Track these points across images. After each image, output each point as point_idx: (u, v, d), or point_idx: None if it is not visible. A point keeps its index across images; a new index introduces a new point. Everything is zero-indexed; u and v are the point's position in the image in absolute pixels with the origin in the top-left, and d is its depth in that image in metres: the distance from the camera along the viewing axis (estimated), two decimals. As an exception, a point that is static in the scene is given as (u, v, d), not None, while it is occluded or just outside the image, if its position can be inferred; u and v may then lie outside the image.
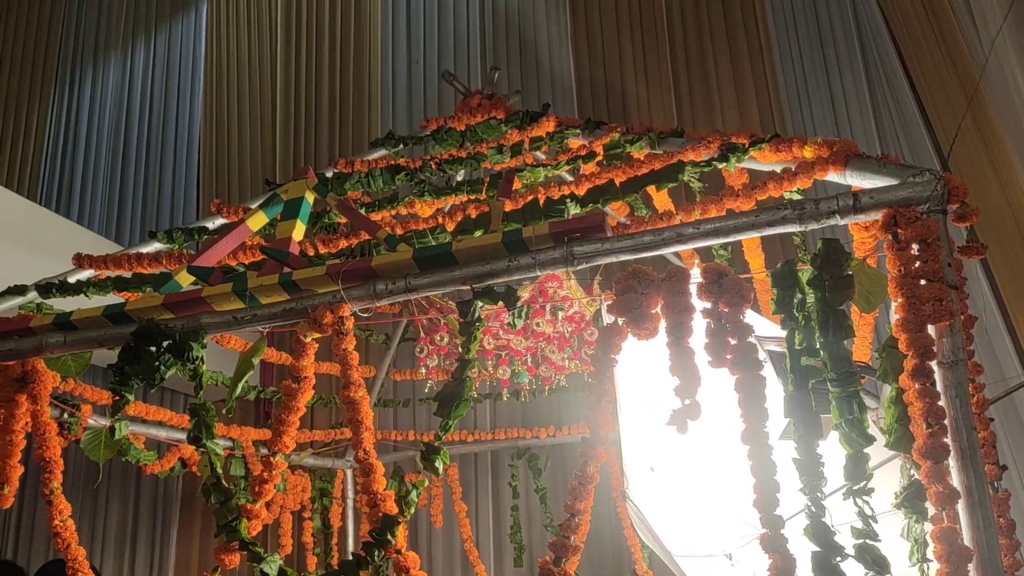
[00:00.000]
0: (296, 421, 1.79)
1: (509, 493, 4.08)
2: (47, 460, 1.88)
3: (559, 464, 3.94)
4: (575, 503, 1.51)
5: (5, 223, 3.22)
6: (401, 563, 1.61)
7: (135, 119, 5.30)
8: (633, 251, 1.58)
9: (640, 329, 1.51)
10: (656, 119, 4.32)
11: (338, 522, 3.74)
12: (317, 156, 4.85)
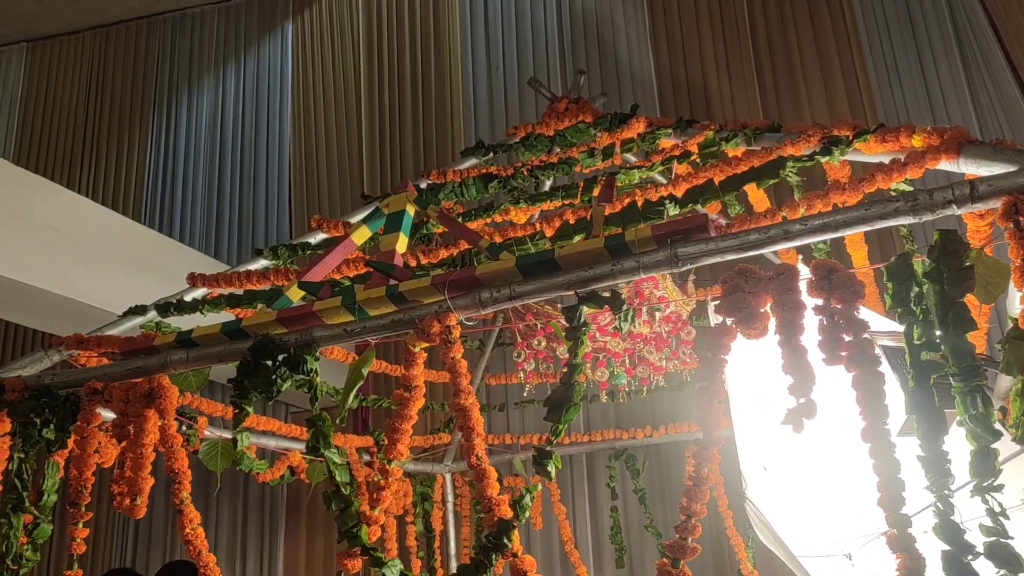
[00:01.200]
0: (409, 429, 1.84)
1: (605, 495, 4.08)
2: (176, 471, 1.97)
3: (656, 464, 3.93)
4: (691, 504, 1.51)
5: (119, 247, 3.38)
6: (518, 566, 1.63)
7: (228, 140, 5.50)
8: (738, 250, 1.57)
9: (749, 328, 1.50)
10: (740, 113, 4.27)
11: (439, 526, 3.80)
12: (403, 168, 4.95)
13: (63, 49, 5.98)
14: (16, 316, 3.44)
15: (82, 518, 2.01)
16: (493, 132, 4.86)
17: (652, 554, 3.96)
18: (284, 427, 3.00)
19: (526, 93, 4.88)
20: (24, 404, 2.07)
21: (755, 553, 3.43)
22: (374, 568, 1.75)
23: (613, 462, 3.71)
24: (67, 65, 5.94)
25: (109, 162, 5.63)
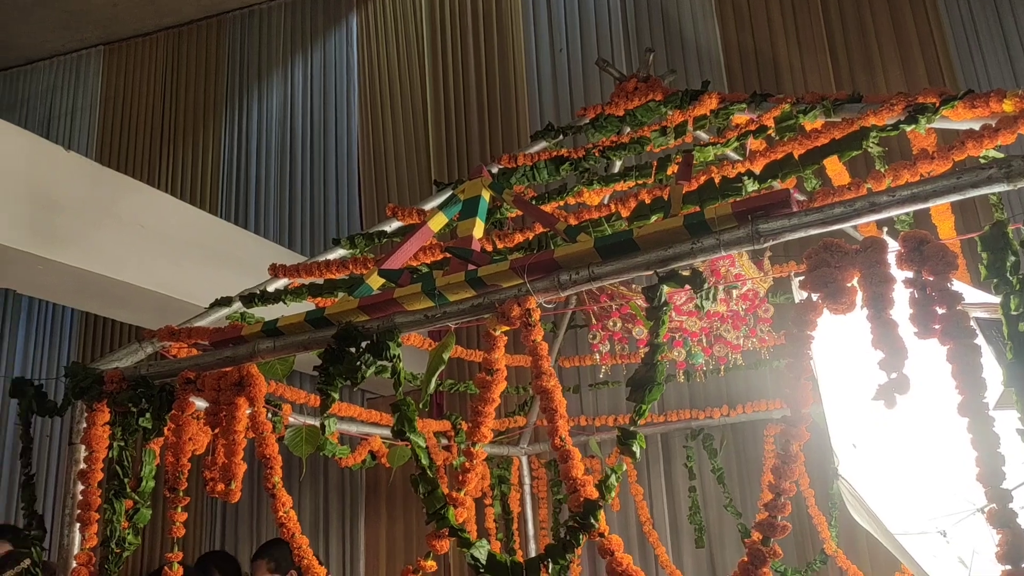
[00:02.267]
0: (492, 412, 1.86)
1: (682, 475, 4.07)
2: (267, 457, 2.03)
3: (732, 444, 3.90)
4: (780, 482, 1.49)
5: (200, 241, 3.48)
6: (605, 546, 1.64)
7: (298, 132, 5.60)
8: (822, 225, 1.54)
9: (836, 304, 1.48)
10: (812, 85, 4.17)
11: (517, 508, 3.83)
12: (469, 154, 4.98)
13: (139, 50, 6.16)
14: (109, 311, 3.58)
15: (180, 503, 2.10)
16: (558, 115, 4.85)
17: (731, 534, 3.94)
18: (364, 413, 3.07)
19: (590, 74, 4.85)
20: (122, 394, 2.16)
21: (839, 532, 3.39)
22: (462, 548, 1.78)
23: (690, 442, 3.69)
24: (143, 66, 6.12)
25: (186, 158, 5.79)
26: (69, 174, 3.01)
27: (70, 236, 2.93)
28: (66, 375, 2.24)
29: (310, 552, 1.97)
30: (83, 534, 2.13)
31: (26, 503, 2.19)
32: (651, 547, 3.82)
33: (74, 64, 6.35)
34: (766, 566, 1.47)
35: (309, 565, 1.94)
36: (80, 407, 2.23)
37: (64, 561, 2.14)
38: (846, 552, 3.40)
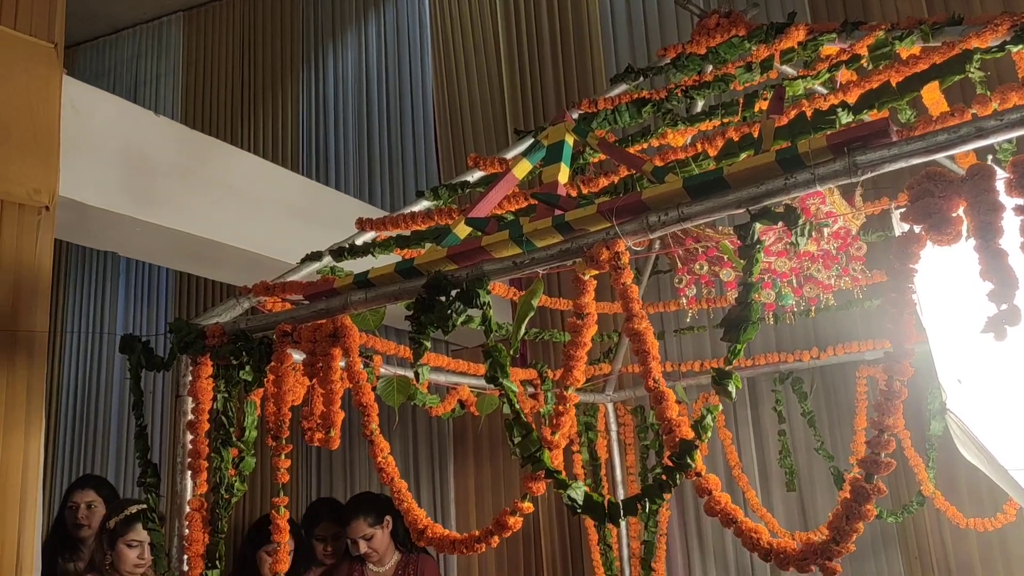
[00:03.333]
0: (584, 356, 1.87)
1: (769, 419, 4.03)
2: (364, 405, 2.09)
3: (821, 387, 3.83)
4: (883, 419, 1.46)
5: (285, 199, 3.56)
6: (702, 485, 1.65)
7: (374, 87, 5.64)
8: (925, 153, 1.48)
9: (941, 235, 1.43)
10: (902, 10, 3.99)
11: (604, 454, 3.86)
12: (545, 101, 4.93)
13: (216, 14, 6.28)
14: (202, 270, 3.71)
15: (284, 450, 2.18)
16: (634, 57, 4.76)
17: (822, 477, 3.89)
18: (453, 363, 3.11)
19: (666, 13, 4.74)
20: (224, 348, 2.24)
21: (937, 473, 3.32)
22: (558, 489, 1.81)
23: (778, 386, 3.64)
24: (221, 29, 6.24)
25: (265, 118, 5.91)
26: (160, 138, 3.10)
27: (164, 198, 3.03)
28: (170, 331, 2.33)
29: (409, 496, 2.02)
30: (194, 481, 2.24)
31: (140, 453, 2.31)
32: (741, 491, 3.81)
33: (156, 31, 6.51)
34: (869, 503, 1.46)
35: (409, 508, 1.99)
36: (185, 361, 2.32)
37: (178, 507, 2.25)
38: (944, 494, 3.33)
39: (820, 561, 1.49)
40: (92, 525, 3.71)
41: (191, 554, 2.20)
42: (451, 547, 1.93)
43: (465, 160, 4.97)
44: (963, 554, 3.67)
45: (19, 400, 2.45)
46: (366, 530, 3.68)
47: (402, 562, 3.79)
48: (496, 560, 4.57)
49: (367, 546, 3.68)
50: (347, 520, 3.74)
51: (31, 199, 2.57)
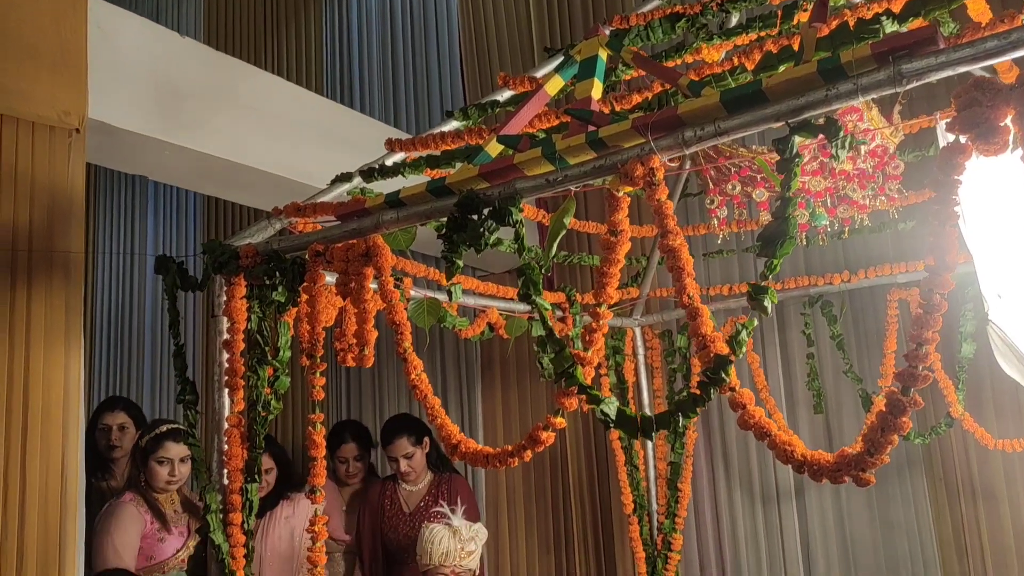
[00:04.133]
0: (618, 273, 1.87)
1: (797, 343, 4.03)
2: (397, 323, 2.11)
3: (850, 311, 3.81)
4: (922, 332, 1.46)
5: (310, 121, 3.54)
6: (736, 399, 1.66)
7: (398, 7, 5.54)
8: (973, 61, 1.44)
9: (988, 145, 1.40)
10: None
11: (631, 377, 3.89)
12: (572, 20, 4.82)
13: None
14: (230, 194, 3.72)
15: (318, 368, 2.21)
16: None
17: (848, 400, 3.91)
18: (482, 285, 3.12)
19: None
20: (257, 268, 2.26)
21: (965, 396, 3.32)
22: (591, 405, 1.83)
23: (807, 309, 3.63)
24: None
25: (289, 40, 5.84)
26: (187, 60, 3.07)
27: (193, 121, 3.02)
28: (204, 252, 2.35)
29: (442, 412, 2.05)
30: (231, 399, 2.29)
31: (178, 371, 2.36)
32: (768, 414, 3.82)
33: (177, -49, 6.43)
34: (905, 415, 1.46)
35: (443, 424, 2.03)
36: (219, 282, 2.35)
37: (216, 423, 2.31)
38: (972, 416, 3.34)
39: (854, 472, 1.50)
40: (124, 446, 3.82)
41: (231, 468, 2.26)
42: (484, 461, 1.97)
43: (491, 82, 4.91)
44: (988, 477, 3.69)
45: (58, 320, 2.50)
46: (408, 448, 3.76)
47: (435, 482, 3.88)
48: (523, 483, 4.66)
49: (407, 464, 3.77)
50: (389, 439, 3.82)
51: (61, 121, 2.57)
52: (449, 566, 3.31)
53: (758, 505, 4.15)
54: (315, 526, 2.19)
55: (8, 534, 2.34)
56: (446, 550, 3.30)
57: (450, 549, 3.30)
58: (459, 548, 3.33)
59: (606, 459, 4.39)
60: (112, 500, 3.27)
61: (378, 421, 5.01)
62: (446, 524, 3.36)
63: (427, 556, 3.31)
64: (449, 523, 3.36)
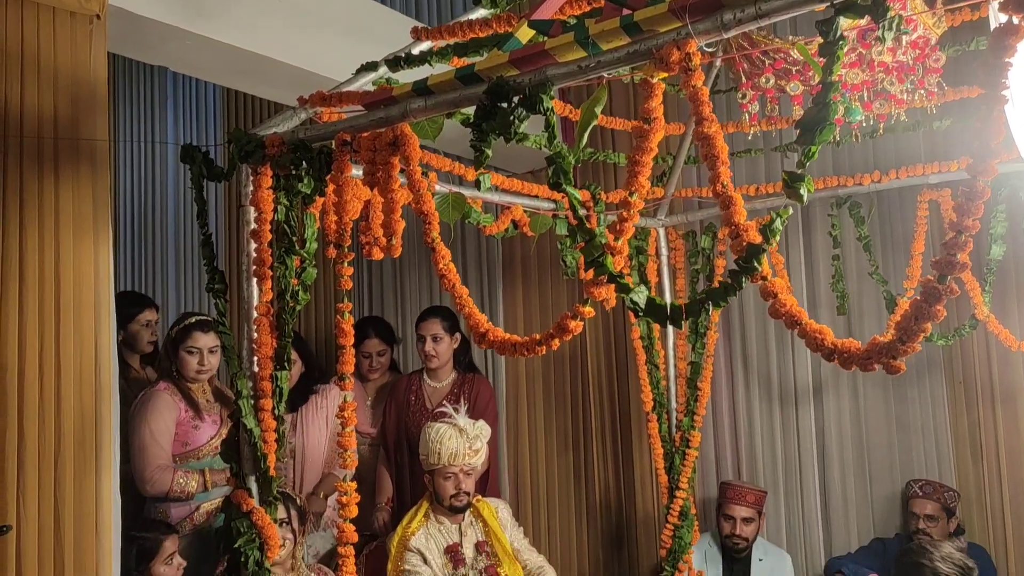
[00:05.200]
0: (650, 162, 1.84)
1: (821, 245, 4.02)
2: (425, 213, 2.10)
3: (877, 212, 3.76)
4: (963, 220, 1.43)
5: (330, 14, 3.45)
6: (768, 288, 1.65)
7: None
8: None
9: (1043, 26, 1.34)
10: None
11: (654, 278, 3.89)
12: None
13: None
14: (251, 87, 3.67)
15: (346, 258, 2.22)
16: None
17: (871, 303, 3.91)
18: (507, 181, 3.10)
19: None
20: (283, 158, 2.25)
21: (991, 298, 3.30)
22: (620, 294, 1.83)
23: (834, 210, 3.58)
24: None
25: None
26: (206, -55, 2.99)
27: (215, 11, 2.96)
28: (230, 141, 2.34)
29: (470, 301, 2.07)
30: (260, 288, 2.31)
31: (207, 260, 2.37)
32: (789, 315, 3.82)
33: None
34: (940, 303, 1.45)
35: (471, 312, 2.04)
36: (245, 172, 2.34)
37: (245, 312, 2.33)
38: (998, 318, 3.33)
39: (885, 360, 1.50)
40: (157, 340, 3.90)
41: (260, 356, 2.30)
42: (512, 350, 1.99)
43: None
44: (1008, 381, 3.71)
45: (85, 209, 2.51)
46: (438, 330, 3.85)
47: (458, 380, 3.94)
48: (543, 382, 4.73)
49: (433, 347, 3.84)
50: (424, 317, 3.92)
51: (82, 7, 2.52)
52: (458, 466, 3.37)
53: (775, 405, 4.21)
54: (344, 412, 2.24)
55: (46, 419, 2.40)
56: (454, 450, 3.34)
57: (458, 449, 3.34)
58: (467, 447, 3.37)
59: (626, 358, 4.43)
60: (147, 389, 3.35)
61: (400, 320, 5.07)
62: (450, 423, 3.41)
63: (435, 456, 3.33)
64: (454, 422, 3.41)
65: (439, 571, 3.31)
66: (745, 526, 3.83)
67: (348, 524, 2.25)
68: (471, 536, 3.45)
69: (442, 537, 3.39)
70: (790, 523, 4.16)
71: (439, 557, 3.34)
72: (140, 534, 2.91)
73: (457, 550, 3.37)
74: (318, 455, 3.79)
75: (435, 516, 3.41)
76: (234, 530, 2.26)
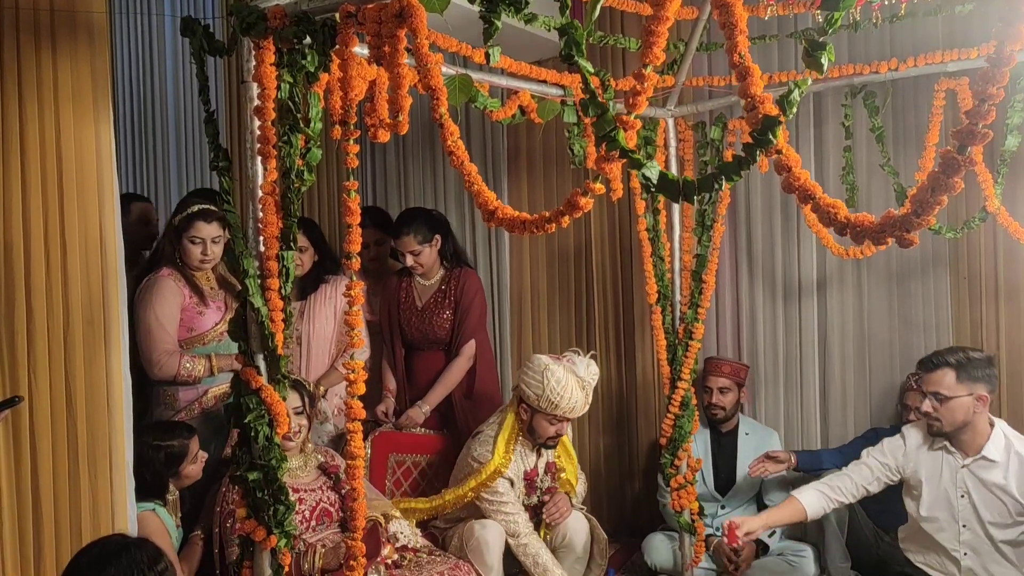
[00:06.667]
0: (666, 32, 1.78)
1: (832, 137, 3.96)
2: (433, 88, 2.04)
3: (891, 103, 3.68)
4: (986, 87, 1.39)
5: None
6: (782, 162, 1.63)
7: None
8: None
9: None
10: None
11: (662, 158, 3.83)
12: None
13: None
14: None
15: (352, 135, 2.18)
16: None
17: (880, 198, 3.87)
18: (514, 64, 3.02)
19: None
20: (286, 30, 2.18)
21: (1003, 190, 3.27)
22: (632, 169, 1.80)
23: (848, 100, 3.51)
24: None
25: None
26: None
27: None
28: (231, 13, 2.26)
29: (479, 178, 2.03)
30: (264, 167, 2.27)
31: (211, 137, 2.33)
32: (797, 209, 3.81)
33: None
34: (958, 174, 1.43)
35: (480, 190, 2.01)
36: (247, 46, 2.28)
37: (251, 191, 2.30)
38: (1009, 210, 3.30)
39: (898, 233, 1.49)
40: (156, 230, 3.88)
41: (266, 235, 2.28)
42: (520, 227, 1.97)
43: None
44: (1013, 278, 3.71)
45: (85, 85, 2.45)
46: (415, 246, 3.79)
47: (446, 276, 3.93)
48: (547, 275, 4.74)
49: (414, 260, 3.82)
50: (397, 234, 3.84)
51: None
52: (571, 418, 3.36)
53: (779, 300, 4.22)
54: (352, 290, 2.24)
55: (54, 297, 2.41)
56: (575, 404, 3.31)
57: (578, 403, 3.32)
58: (585, 400, 3.35)
59: (631, 253, 4.43)
60: (150, 275, 3.34)
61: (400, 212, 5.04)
62: (571, 370, 3.32)
63: (550, 405, 3.27)
64: (575, 370, 3.33)
65: (520, 494, 3.42)
66: (722, 396, 3.98)
67: (356, 401, 2.28)
68: (544, 459, 3.54)
69: (522, 463, 3.46)
70: (788, 415, 4.22)
71: (520, 483, 3.44)
72: (167, 442, 2.95)
73: (534, 478, 3.48)
74: (324, 344, 3.81)
75: (519, 441, 3.45)
76: (243, 406, 2.29)
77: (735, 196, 4.15)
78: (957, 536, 2.94)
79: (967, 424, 2.89)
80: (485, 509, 3.37)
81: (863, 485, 3.11)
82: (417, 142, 4.99)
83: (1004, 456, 2.87)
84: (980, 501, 2.90)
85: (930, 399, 2.90)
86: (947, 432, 2.93)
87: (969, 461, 2.93)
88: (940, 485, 2.98)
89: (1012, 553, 2.86)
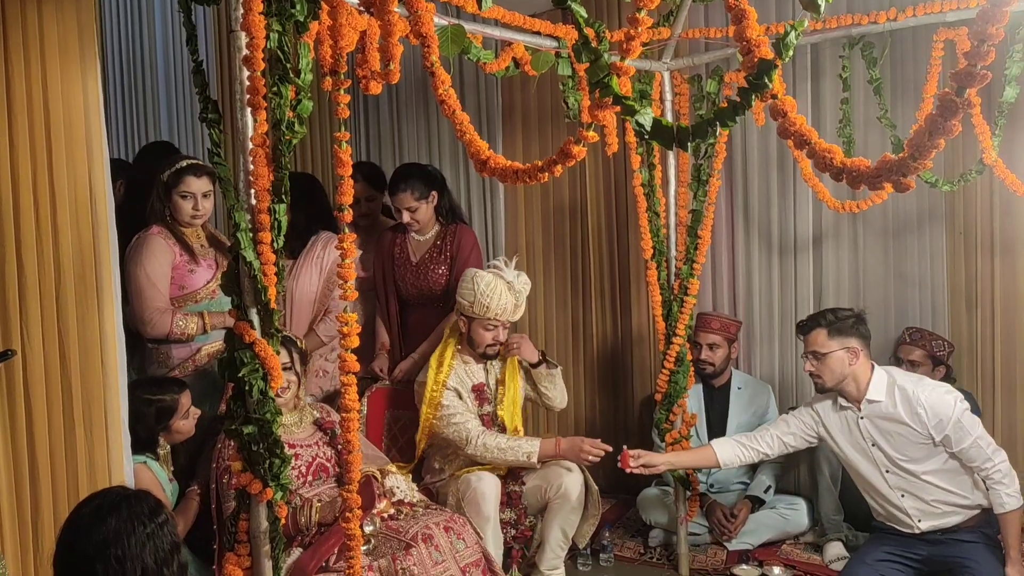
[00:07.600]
0: (660, -26, 1.75)
1: (829, 89, 3.94)
2: (424, 36, 2.00)
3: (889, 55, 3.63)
4: (986, 27, 1.37)
5: None
6: (778, 107, 1.61)
7: None
8: None
9: None
10: None
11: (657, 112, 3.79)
12: None
13: None
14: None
15: (343, 85, 2.14)
16: None
17: (876, 150, 3.84)
18: (508, 14, 2.97)
19: None
20: (275, -24, 2.13)
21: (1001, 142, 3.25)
22: (626, 116, 1.78)
23: (847, 51, 3.46)
24: None
25: None
26: None
27: None
28: (217, -40, 2.22)
29: (471, 128, 2.01)
30: (255, 118, 2.23)
31: (199, 88, 2.29)
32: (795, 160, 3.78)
33: None
34: (956, 117, 1.41)
35: (472, 139, 1.99)
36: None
37: (241, 143, 2.27)
38: (1006, 162, 3.28)
39: (895, 177, 1.47)
40: None
41: (257, 188, 2.25)
42: (513, 177, 1.95)
43: None
44: (1009, 232, 3.70)
45: (71, 36, 2.40)
46: (411, 203, 3.76)
47: (441, 232, 3.91)
48: (543, 232, 4.72)
49: (410, 216, 3.79)
50: (394, 190, 3.81)
51: None
52: (503, 320, 3.41)
53: (775, 256, 4.21)
54: (344, 243, 2.22)
55: (44, 251, 2.39)
56: (504, 305, 3.37)
57: (507, 304, 3.38)
58: (514, 303, 3.41)
59: (626, 207, 4.41)
60: (140, 233, 3.31)
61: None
62: (499, 275, 3.39)
63: (481, 308, 3.36)
64: (502, 274, 3.40)
65: (471, 406, 3.46)
66: (711, 352, 4.02)
67: (350, 355, 2.27)
68: (492, 374, 3.59)
69: (467, 377, 3.51)
70: (782, 372, 4.24)
71: (469, 393, 3.49)
72: (157, 396, 2.96)
73: (483, 389, 3.53)
74: (307, 301, 3.78)
75: (461, 356, 3.53)
76: (237, 360, 2.28)
77: (731, 151, 4.12)
78: (886, 483, 3.02)
79: (846, 376, 3.01)
80: (439, 429, 3.42)
81: (779, 436, 3.22)
82: (411, 98, 4.94)
83: (888, 393, 2.99)
84: (887, 444, 3.00)
85: (809, 358, 3.06)
86: (830, 387, 3.06)
87: (863, 411, 3.03)
88: (854, 442, 3.09)
89: (941, 479, 2.94)
